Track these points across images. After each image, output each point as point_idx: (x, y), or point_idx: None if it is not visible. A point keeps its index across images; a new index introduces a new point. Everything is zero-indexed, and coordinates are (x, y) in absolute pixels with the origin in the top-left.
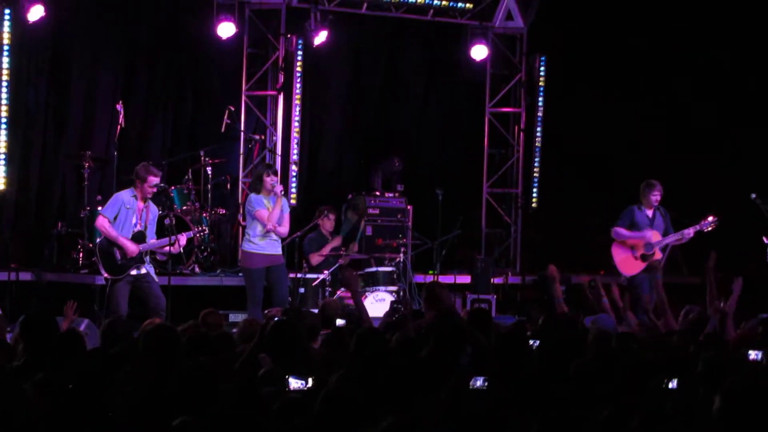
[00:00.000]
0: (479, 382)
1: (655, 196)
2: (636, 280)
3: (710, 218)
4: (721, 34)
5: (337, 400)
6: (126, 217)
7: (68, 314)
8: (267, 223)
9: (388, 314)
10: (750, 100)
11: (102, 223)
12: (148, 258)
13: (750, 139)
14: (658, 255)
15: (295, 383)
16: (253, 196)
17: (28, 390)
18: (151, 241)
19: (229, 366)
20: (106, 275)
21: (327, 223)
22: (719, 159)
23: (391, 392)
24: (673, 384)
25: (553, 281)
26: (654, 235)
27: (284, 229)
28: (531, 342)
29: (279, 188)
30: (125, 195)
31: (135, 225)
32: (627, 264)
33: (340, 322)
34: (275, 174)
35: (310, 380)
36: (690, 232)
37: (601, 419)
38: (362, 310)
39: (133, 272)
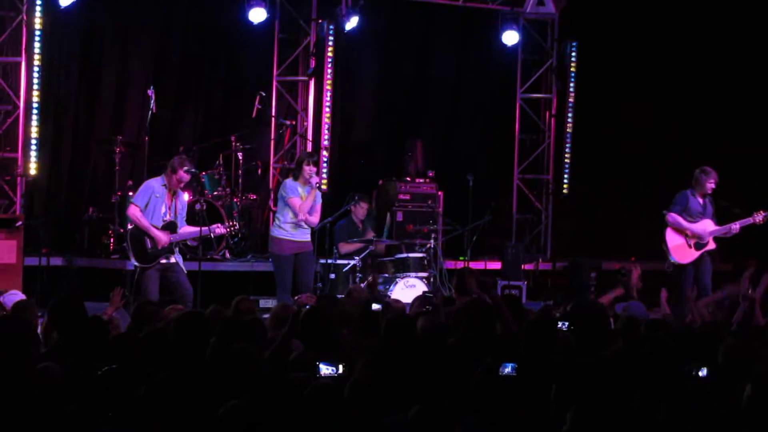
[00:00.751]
0: (508, 369)
1: (711, 184)
2: (685, 269)
3: (762, 213)
4: (754, 22)
5: (365, 386)
6: (155, 205)
7: (115, 300)
8: (298, 212)
9: (418, 305)
10: None
11: (134, 211)
12: (177, 249)
13: None
14: (712, 245)
15: (325, 369)
16: (288, 182)
17: (56, 373)
18: (182, 230)
19: (261, 352)
20: (135, 263)
21: (359, 211)
22: (753, 147)
23: (421, 379)
24: (702, 372)
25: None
26: (709, 224)
27: (315, 218)
28: (560, 324)
29: (315, 180)
30: (155, 183)
31: (164, 214)
32: (681, 251)
33: (376, 306)
34: (315, 164)
35: (340, 367)
36: (736, 227)
37: (631, 407)
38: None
39: (163, 261)
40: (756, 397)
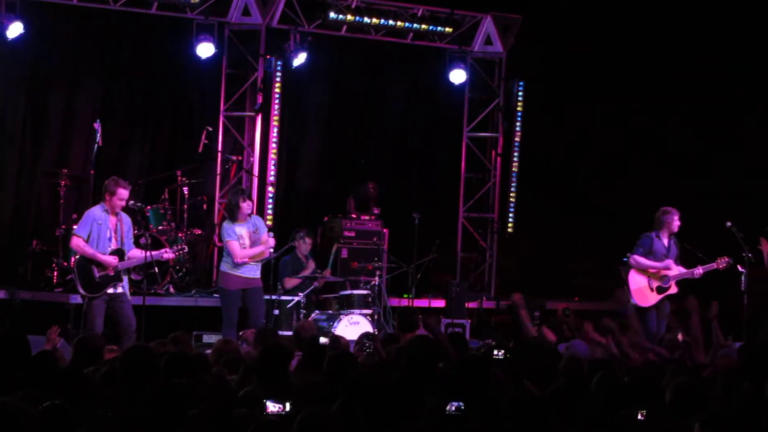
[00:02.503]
0: (454, 407)
1: (677, 222)
2: (647, 312)
3: (726, 258)
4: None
5: (313, 425)
6: (99, 232)
7: (51, 338)
8: (236, 257)
9: (358, 347)
10: (728, 126)
11: (77, 242)
12: (126, 278)
13: (728, 165)
14: (674, 289)
15: (272, 407)
16: (225, 225)
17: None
18: (131, 254)
19: (204, 387)
20: (83, 293)
21: (303, 247)
22: (697, 185)
23: (366, 416)
24: (641, 416)
25: (519, 308)
26: (672, 266)
27: (271, 241)
28: (496, 352)
29: (248, 221)
30: (96, 211)
31: (110, 239)
32: (642, 294)
33: (323, 340)
34: (250, 198)
35: (287, 404)
36: (700, 271)
37: None
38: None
39: (110, 290)
40: None
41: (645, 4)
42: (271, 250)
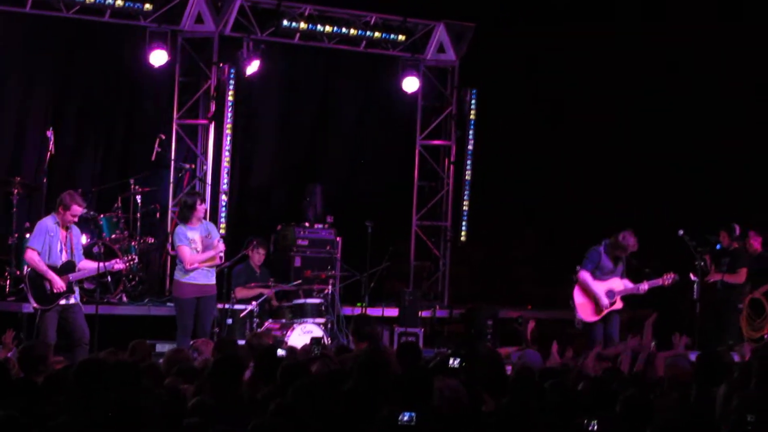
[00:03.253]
0: (407, 417)
1: (633, 248)
2: (594, 326)
3: (672, 275)
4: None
5: None
6: (51, 244)
7: (6, 343)
8: (186, 263)
9: (304, 351)
10: (677, 134)
11: (31, 256)
12: (77, 288)
13: (676, 175)
14: (619, 304)
15: None
16: (179, 229)
17: None
18: (81, 265)
19: (156, 396)
20: (35, 305)
21: (256, 257)
22: (647, 195)
23: (318, 426)
24: (593, 426)
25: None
26: (617, 283)
27: (221, 245)
28: (451, 361)
29: (200, 224)
30: (48, 222)
31: (61, 251)
32: (586, 309)
33: (281, 352)
34: (203, 200)
35: None
36: (645, 287)
37: None
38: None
39: (62, 302)
40: None
41: (597, 11)
42: (222, 255)
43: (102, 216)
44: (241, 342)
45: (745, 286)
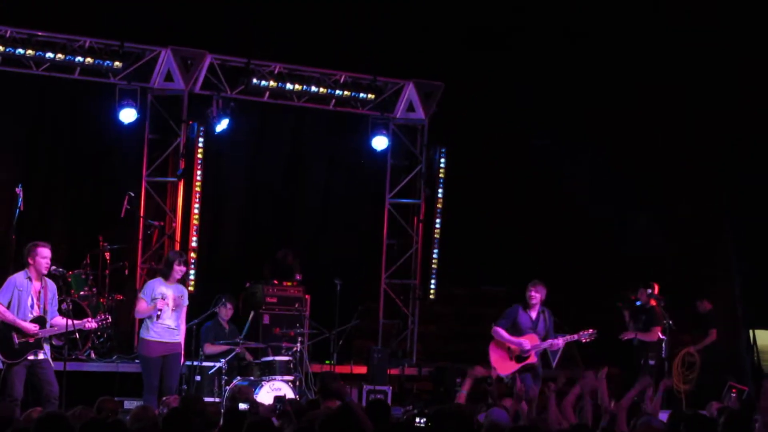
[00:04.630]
0: None
1: (531, 294)
2: (519, 377)
3: (590, 330)
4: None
5: None
6: (20, 298)
7: None
8: (137, 312)
9: (269, 409)
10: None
11: None
12: (47, 345)
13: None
14: (533, 359)
15: None
16: (151, 281)
17: None
18: (54, 321)
19: None
20: (2, 359)
21: (224, 312)
22: (619, 249)
23: None
24: None
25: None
26: (531, 340)
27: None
28: (417, 420)
29: (171, 290)
30: (18, 277)
31: (32, 306)
32: (502, 364)
33: (243, 406)
34: (186, 264)
35: None
36: (559, 342)
37: None
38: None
39: (31, 357)
40: None
41: (562, 68)
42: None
43: (71, 273)
44: (210, 399)
45: (658, 344)
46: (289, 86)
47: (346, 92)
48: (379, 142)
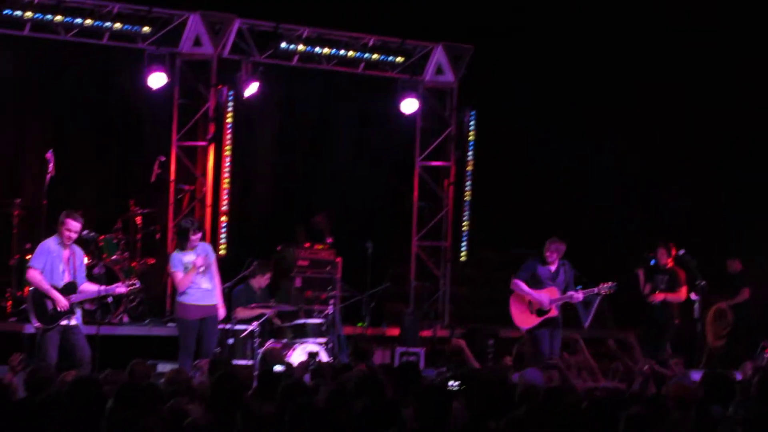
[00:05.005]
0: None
1: (549, 253)
2: (533, 334)
3: (609, 283)
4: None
5: None
6: (53, 264)
7: (13, 366)
8: (179, 286)
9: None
10: (677, 153)
11: (33, 275)
12: (79, 310)
13: (675, 192)
14: (554, 312)
15: None
16: (174, 254)
17: None
18: (83, 287)
19: (157, 417)
20: (36, 324)
21: (261, 281)
22: (647, 213)
23: None
24: None
25: (462, 351)
26: (551, 293)
27: (216, 279)
28: (450, 383)
29: (197, 259)
30: (51, 243)
31: (63, 272)
32: (523, 318)
33: (278, 368)
34: (199, 229)
35: None
36: (579, 296)
37: None
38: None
39: (64, 322)
40: None
41: (593, 31)
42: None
43: (102, 237)
44: (243, 362)
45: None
46: (317, 50)
47: (375, 55)
48: (409, 105)
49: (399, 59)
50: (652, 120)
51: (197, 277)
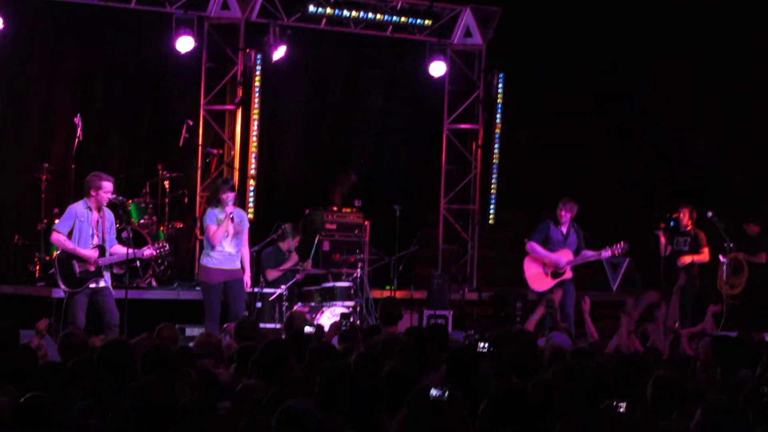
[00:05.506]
0: (437, 393)
1: (562, 212)
2: (547, 296)
3: (621, 244)
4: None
5: (290, 415)
6: (81, 228)
7: (39, 330)
8: (213, 239)
9: (335, 328)
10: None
11: (57, 237)
12: (108, 274)
13: (707, 154)
14: (569, 274)
15: None
16: (208, 210)
17: None
18: (113, 249)
19: (188, 380)
20: (64, 288)
21: (290, 243)
22: (676, 174)
23: (353, 408)
24: (622, 407)
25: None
26: (566, 255)
27: (245, 249)
28: (481, 345)
29: (229, 209)
30: (78, 207)
31: (92, 236)
32: (537, 280)
33: (308, 329)
34: (231, 190)
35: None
36: (608, 253)
37: None
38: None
39: (92, 285)
40: (705, 424)
41: None
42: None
43: (130, 201)
44: (270, 325)
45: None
46: (345, 13)
47: (402, 18)
48: (437, 68)
49: (427, 22)
50: (682, 85)
51: (225, 240)
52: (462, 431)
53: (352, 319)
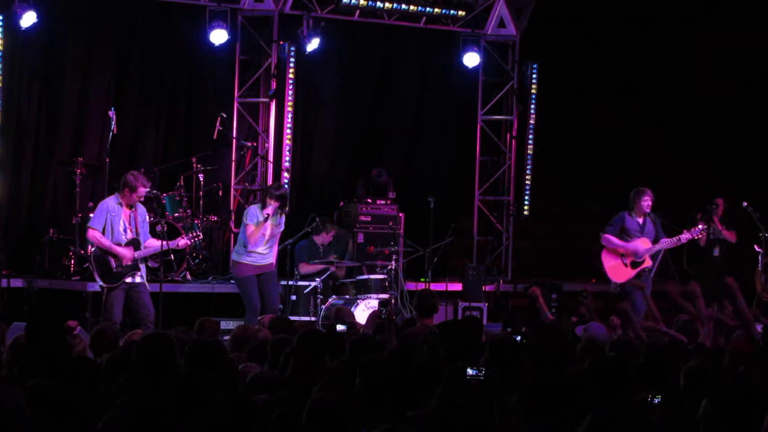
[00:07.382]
0: (474, 372)
1: (646, 202)
2: (627, 287)
3: (700, 226)
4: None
5: (322, 408)
6: (113, 223)
7: (70, 328)
8: (248, 240)
9: (372, 319)
10: (743, 105)
11: (93, 234)
12: (143, 266)
13: (744, 144)
14: (648, 262)
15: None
16: (253, 207)
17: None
18: (147, 243)
19: (223, 374)
20: (101, 283)
21: (326, 238)
22: (714, 164)
23: (389, 399)
24: (656, 401)
25: (536, 298)
26: (643, 243)
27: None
28: (517, 338)
29: (269, 210)
30: (110, 202)
31: (125, 231)
32: (617, 271)
33: (340, 327)
34: (277, 200)
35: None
36: (687, 236)
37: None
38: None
39: (128, 280)
40: (712, 413)
41: None
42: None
43: (165, 195)
44: (305, 318)
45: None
46: (379, 4)
47: (436, 9)
48: (471, 59)
49: (461, 13)
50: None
51: (261, 240)
52: (500, 411)
53: (389, 308)
